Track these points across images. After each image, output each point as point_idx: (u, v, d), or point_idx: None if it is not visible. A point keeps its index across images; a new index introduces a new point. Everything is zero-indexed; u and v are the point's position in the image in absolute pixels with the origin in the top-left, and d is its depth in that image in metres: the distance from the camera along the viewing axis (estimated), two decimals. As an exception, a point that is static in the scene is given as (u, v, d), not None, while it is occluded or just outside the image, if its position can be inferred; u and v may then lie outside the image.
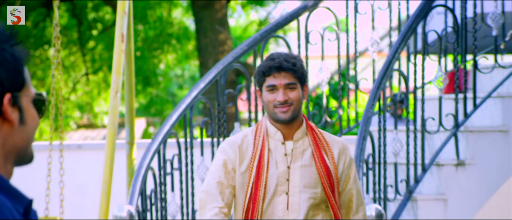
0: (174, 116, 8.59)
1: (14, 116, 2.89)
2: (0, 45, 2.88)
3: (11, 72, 2.90)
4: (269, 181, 5.63)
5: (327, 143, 5.75)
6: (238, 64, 9.35)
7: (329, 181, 5.64)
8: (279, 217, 5.57)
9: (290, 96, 5.59)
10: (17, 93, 2.89)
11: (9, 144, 2.94)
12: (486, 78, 8.99)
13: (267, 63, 5.66)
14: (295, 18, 9.27)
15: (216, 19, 20.87)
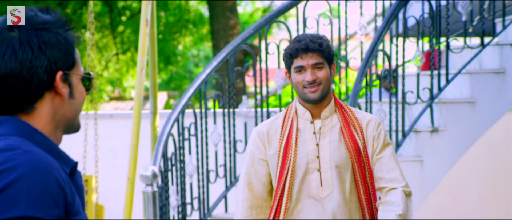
0: (190, 90, 8.53)
1: (64, 91, 2.93)
2: (56, 30, 2.93)
3: (63, 53, 2.93)
4: (299, 160, 5.12)
5: (356, 119, 5.19)
6: (245, 45, 9.28)
7: (357, 155, 5.10)
8: (314, 194, 5.08)
9: (318, 75, 5.08)
10: (68, 71, 2.94)
11: (60, 114, 2.99)
12: (456, 57, 8.93)
13: (294, 45, 5.13)
14: (294, 6, 9.20)
15: (226, 6, 20.83)
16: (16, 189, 2.70)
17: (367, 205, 5.12)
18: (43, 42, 2.90)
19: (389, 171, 5.13)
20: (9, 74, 2.86)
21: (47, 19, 2.96)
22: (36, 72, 2.88)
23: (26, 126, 2.91)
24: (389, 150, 5.20)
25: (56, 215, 2.72)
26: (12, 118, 2.93)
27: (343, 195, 5.07)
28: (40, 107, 2.94)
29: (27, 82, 2.87)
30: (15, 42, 2.89)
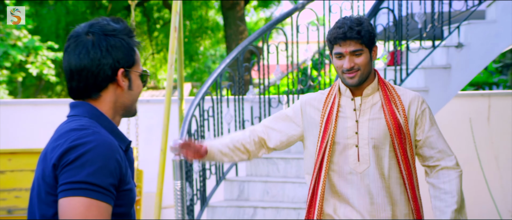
0: (209, 81, 8.57)
1: (124, 84, 3.10)
2: (121, 36, 3.10)
3: (125, 54, 3.09)
4: (338, 135, 4.43)
5: (398, 96, 4.46)
6: (251, 46, 9.31)
7: (398, 132, 4.36)
8: (352, 169, 4.40)
9: (356, 62, 4.36)
10: (128, 69, 3.10)
11: (120, 102, 3.15)
12: (414, 56, 8.94)
13: (333, 32, 4.43)
14: (289, 16, 9.24)
15: (237, 16, 20.81)
16: (82, 160, 2.83)
17: (409, 181, 4.40)
18: (110, 45, 3.05)
19: (440, 150, 4.45)
20: (82, 68, 3.02)
21: (116, 27, 3.09)
22: (103, 68, 3.03)
23: (95, 110, 3.08)
24: (436, 128, 4.50)
25: (109, 183, 2.85)
26: (85, 103, 3.09)
27: (381, 170, 4.39)
28: (105, 95, 3.09)
29: (96, 76, 3.04)
30: (89, 44, 3.03)
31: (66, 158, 2.85)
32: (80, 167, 2.83)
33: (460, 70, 8.75)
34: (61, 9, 20.41)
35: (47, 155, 2.98)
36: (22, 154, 9.78)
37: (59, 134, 2.99)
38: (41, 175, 2.98)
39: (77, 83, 3.06)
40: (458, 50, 8.79)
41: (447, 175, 4.42)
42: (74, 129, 2.95)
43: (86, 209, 2.82)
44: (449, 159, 4.44)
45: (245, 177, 9.02)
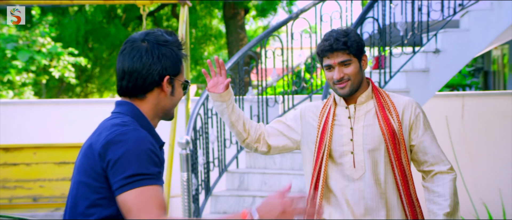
0: (212, 83, 8.56)
1: (168, 89, 3.17)
2: (171, 47, 3.15)
3: (173, 63, 3.15)
4: (334, 143, 4.13)
5: (392, 103, 4.15)
6: (251, 52, 9.31)
7: (392, 138, 4.05)
8: (348, 175, 4.09)
9: (345, 72, 4.06)
10: (173, 77, 3.16)
11: (161, 105, 3.19)
12: (396, 61, 8.93)
13: (320, 45, 4.16)
14: (284, 24, 9.27)
15: (238, 25, 20.80)
16: (128, 156, 2.89)
17: (403, 186, 4.07)
18: (161, 54, 3.11)
19: (434, 155, 4.14)
20: (134, 70, 3.09)
21: (168, 39, 3.15)
22: (152, 73, 3.10)
23: (137, 110, 3.14)
24: (430, 133, 4.17)
25: (156, 171, 2.92)
26: (129, 103, 3.14)
27: (376, 176, 4.07)
28: (149, 97, 3.15)
29: (144, 78, 3.10)
30: (143, 50, 3.11)
31: (112, 153, 2.92)
32: (128, 162, 2.89)
33: (437, 73, 8.76)
34: (80, 19, 20.42)
35: (92, 145, 3.02)
36: (46, 148, 9.80)
37: (103, 128, 3.05)
38: (85, 164, 3.02)
39: (127, 83, 3.12)
40: (435, 56, 8.80)
41: (441, 178, 4.12)
42: (118, 124, 3.01)
43: (143, 197, 2.88)
44: (443, 164, 4.14)
45: (245, 169, 9.02)
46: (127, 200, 2.87)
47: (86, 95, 25.91)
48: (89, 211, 3.00)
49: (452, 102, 10.35)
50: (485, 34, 8.86)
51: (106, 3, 9.66)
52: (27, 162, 9.73)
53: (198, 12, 22.98)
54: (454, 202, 4.06)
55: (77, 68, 20.70)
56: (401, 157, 4.07)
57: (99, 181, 2.97)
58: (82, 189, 3.00)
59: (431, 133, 4.18)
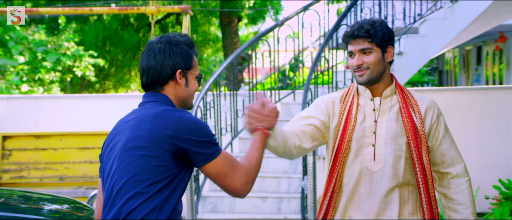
0: (210, 80, 8.47)
1: (181, 82, 3.17)
2: (182, 46, 3.17)
3: (183, 59, 3.16)
4: (356, 133, 3.56)
5: (414, 101, 3.61)
6: (243, 53, 9.27)
7: (414, 135, 3.52)
8: (367, 167, 3.54)
9: (364, 60, 3.51)
10: (185, 70, 3.17)
11: (179, 96, 3.19)
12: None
13: (345, 31, 3.63)
14: (272, 30, 9.19)
15: (232, 31, 20.76)
16: (202, 132, 3.02)
17: (424, 184, 3.55)
18: (172, 51, 3.15)
19: (452, 156, 3.63)
20: (150, 67, 3.14)
21: (179, 39, 3.19)
22: (165, 68, 3.14)
23: (168, 98, 3.17)
24: (450, 135, 3.67)
25: (215, 138, 3.07)
26: (160, 93, 3.18)
27: (395, 171, 3.53)
28: (166, 89, 3.17)
29: (159, 73, 3.14)
30: (157, 50, 3.15)
31: (186, 133, 2.97)
32: (204, 137, 3.00)
33: (401, 72, 8.74)
34: (99, 26, 20.38)
35: (154, 131, 3.01)
36: (70, 135, 9.81)
37: (155, 114, 3.05)
38: (150, 146, 3.01)
39: (146, 78, 3.14)
40: (399, 57, 8.76)
41: (458, 184, 3.58)
42: (167, 109, 3.06)
43: (228, 160, 3.06)
44: (459, 166, 3.63)
45: (238, 153, 8.95)
46: (219, 166, 3.03)
47: (104, 91, 25.84)
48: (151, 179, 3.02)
49: (413, 97, 10.27)
50: (440, 39, 8.89)
51: (121, 12, 9.56)
52: (54, 147, 9.76)
53: (199, 20, 22.93)
54: (473, 209, 3.57)
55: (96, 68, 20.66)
56: (422, 155, 3.55)
57: (165, 159, 3.00)
58: (147, 161, 3.00)
59: (451, 136, 3.69)
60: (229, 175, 3.04)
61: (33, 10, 10.20)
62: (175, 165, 3.01)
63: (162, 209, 2.97)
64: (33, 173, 9.76)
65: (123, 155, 3.03)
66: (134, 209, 2.96)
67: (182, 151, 3.00)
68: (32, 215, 3.80)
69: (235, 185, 3.06)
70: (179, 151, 2.99)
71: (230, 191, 3.08)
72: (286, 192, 8.26)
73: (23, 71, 14.87)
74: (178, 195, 3.04)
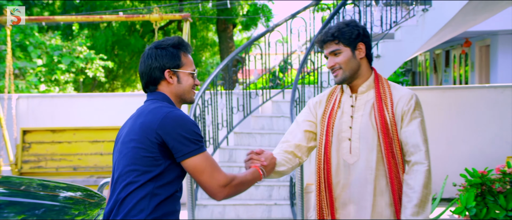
0: (208, 80, 8.44)
1: (173, 80, 3.09)
2: (168, 48, 3.10)
3: (170, 59, 3.08)
4: (336, 129, 3.43)
5: (390, 94, 3.38)
6: (237, 56, 9.24)
7: (384, 128, 3.32)
8: (345, 160, 3.38)
9: (336, 61, 3.36)
10: (174, 69, 3.09)
11: (174, 92, 3.12)
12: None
13: (316, 39, 3.54)
14: (263, 35, 9.15)
15: (227, 36, 20.72)
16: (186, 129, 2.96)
17: (389, 174, 3.34)
18: (158, 55, 3.09)
19: (413, 144, 3.33)
20: (142, 72, 3.11)
21: (166, 42, 3.12)
22: (153, 71, 3.09)
23: (166, 96, 3.12)
24: (416, 123, 3.36)
25: (201, 137, 3.01)
26: (159, 92, 3.13)
27: (369, 164, 3.35)
28: (160, 88, 3.12)
29: (149, 76, 3.10)
30: (146, 55, 3.11)
31: (171, 130, 2.91)
32: (186, 133, 2.94)
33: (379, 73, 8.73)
34: (108, 32, 20.33)
35: (144, 124, 2.98)
36: (82, 130, 9.81)
37: (149, 110, 3.02)
38: (140, 138, 2.97)
39: (142, 82, 3.12)
40: (377, 59, 8.76)
41: (415, 171, 3.30)
42: (162, 106, 3.00)
43: (205, 160, 2.97)
44: (419, 153, 3.32)
45: (233, 146, 8.94)
46: (197, 162, 2.94)
47: (113, 90, 25.80)
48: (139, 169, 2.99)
49: (389, 95, 10.28)
50: (413, 44, 8.90)
51: (128, 19, 9.52)
52: (68, 141, 9.75)
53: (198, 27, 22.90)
54: (423, 193, 3.26)
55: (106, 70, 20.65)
56: (393, 148, 3.33)
57: (147, 150, 2.95)
58: (137, 152, 2.97)
59: (417, 124, 3.37)
60: (206, 174, 2.95)
61: (50, 18, 10.16)
62: (162, 156, 2.95)
63: (154, 197, 2.93)
64: (50, 163, 9.76)
65: (121, 147, 3.04)
66: (127, 196, 2.95)
67: (165, 144, 2.94)
68: (49, 201, 3.79)
69: (212, 184, 2.95)
70: (163, 143, 2.94)
71: (206, 188, 2.97)
72: (276, 181, 8.26)
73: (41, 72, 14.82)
74: (173, 184, 2.99)
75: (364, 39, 3.44)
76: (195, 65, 3.25)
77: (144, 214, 2.92)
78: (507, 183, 5.47)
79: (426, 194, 3.27)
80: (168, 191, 2.97)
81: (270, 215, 7.87)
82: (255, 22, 22.48)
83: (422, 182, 3.27)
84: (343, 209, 3.43)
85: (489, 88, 10.40)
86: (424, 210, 3.25)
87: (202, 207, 7.89)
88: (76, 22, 17.90)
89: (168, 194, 2.96)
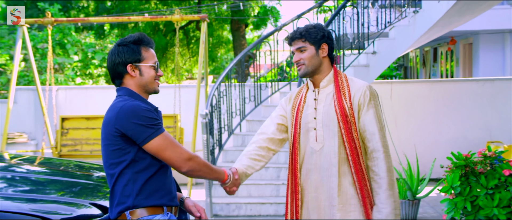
0: (223, 74, 8.43)
1: (134, 73, 2.98)
2: (129, 44, 2.99)
3: (131, 55, 2.97)
4: (303, 120, 3.40)
5: (348, 87, 3.35)
6: (249, 53, 9.21)
7: (343, 116, 3.28)
8: (312, 147, 3.34)
9: (301, 57, 3.37)
10: (136, 63, 2.95)
11: (137, 84, 3.00)
12: (347, 59, 8.85)
13: (286, 36, 3.56)
14: (272, 34, 9.12)
15: (240, 35, 20.69)
16: (140, 118, 2.86)
17: (352, 156, 3.28)
18: (119, 51, 2.98)
19: (370, 132, 3.29)
20: (108, 67, 3.00)
21: (127, 39, 3.00)
22: (117, 66, 2.99)
23: (129, 90, 3.00)
24: (373, 113, 3.31)
25: (158, 121, 2.89)
26: (123, 88, 3.01)
27: (332, 148, 3.31)
28: (125, 82, 3.01)
29: (114, 70, 3.00)
30: (110, 52, 3.00)
31: (125, 121, 2.83)
32: (140, 121, 2.84)
33: (374, 68, 8.71)
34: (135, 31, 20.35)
35: (105, 122, 2.93)
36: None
37: (109, 108, 2.96)
38: (105, 135, 2.92)
39: (110, 77, 3.02)
40: (373, 56, 8.72)
41: (375, 158, 3.28)
42: (120, 101, 2.91)
43: (165, 139, 2.89)
44: (375, 141, 3.28)
45: (246, 132, 8.94)
46: (158, 143, 2.86)
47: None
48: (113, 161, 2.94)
49: (384, 87, 10.26)
50: (405, 42, 8.86)
51: (152, 20, 9.54)
52: (100, 127, 9.78)
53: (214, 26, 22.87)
54: (389, 177, 3.26)
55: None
56: (352, 133, 3.30)
57: (114, 145, 2.90)
58: (107, 148, 2.93)
59: (374, 114, 3.32)
60: (169, 150, 2.88)
61: (85, 19, 10.18)
62: (128, 144, 2.89)
63: (135, 181, 2.89)
64: (85, 147, 9.80)
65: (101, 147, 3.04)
66: (113, 187, 2.94)
67: (124, 134, 2.87)
68: (84, 180, 3.82)
69: (176, 158, 2.90)
70: (123, 135, 2.87)
71: (171, 162, 2.92)
72: (284, 162, 8.26)
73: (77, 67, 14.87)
74: (151, 165, 2.93)
75: (328, 41, 3.43)
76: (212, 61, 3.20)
77: (131, 199, 2.89)
78: (487, 165, 5.46)
79: (391, 177, 3.28)
80: (148, 172, 2.91)
81: (278, 193, 7.87)
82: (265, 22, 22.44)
83: (385, 167, 3.26)
84: (315, 191, 3.39)
85: (472, 81, 10.39)
86: (393, 190, 3.27)
87: (218, 186, 7.91)
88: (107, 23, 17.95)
89: (149, 174, 2.91)
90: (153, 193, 2.91)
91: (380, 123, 3.33)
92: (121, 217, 2.91)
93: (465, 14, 9.31)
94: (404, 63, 25.68)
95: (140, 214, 2.89)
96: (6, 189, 3.37)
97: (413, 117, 10.20)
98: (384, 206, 3.25)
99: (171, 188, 3.02)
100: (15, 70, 9.20)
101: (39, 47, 13.83)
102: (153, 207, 2.92)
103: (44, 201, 3.16)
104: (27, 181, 3.63)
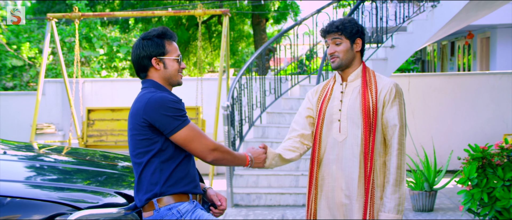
0: (244, 67, 8.42)
1: (158, 66, 2.99)
2: (153, 38, 2.99)
3: (155, 48, 2.98)
4: (328, 111, 3.40)
5: (375, 83, 3.36)
6: (270, 46, 9.19)
7: (366, 112, 3.28)
8: (335, 138, 3.34)
9: (336, 49, 3.36)
10: (160, 57, 2.96)
11: (162, 77, 3.00)
12: (367, 52, 8.78)
13: (321, 28, 3.49)
14: (292, 28, 9.09)
15: (261, 29, 20.65)
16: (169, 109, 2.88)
17: (371, 151, 3.27)
18: (144, 45, 2.98)
19: (392, 126, 3.31)
20: (133, 61, 3.01)
21: (151, 33, 3.01)
22: (142, 59, 2.99)
23: (155, 82, 3.00)
24: (396, 109, 3.33)
25: (184, 111, 2.92)
26: (149, 80, 3.02)
27: (355, 140, 3.31)
28: (149, 74, 3.02)
29: (139, 64, 3.00)
30: (135, 46, 3.00)
31: (153, 112, 2.85)
32: (168, 112, 2.85)
33: (393, 61, 8.65)
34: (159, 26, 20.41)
35: (133, 113, 2.94)
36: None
37: (136, 99, 2.97)
38: (133, 125, 2.93)
39: (135, 68, 3.02)
40: (391, 49, 8.66)
41: (390, 153, 3.31)
42: (147, 93, 2.93)
43: (191, 130, 2.91)
44: (394, 137, 3.31)
45: (266, 124, 8.93)
46: (185, 134, 2.88)
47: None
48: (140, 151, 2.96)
49: (402, 80, 10.19)
50: (423, 36, 8.79)
51: (175, 14, 9.57)
52: (125, 118, 9.85)
53: (235, 21, 22.86)
54: (397, 174, 3.28)
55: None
56: (371, 128, 3.30)
57: (142, 134, 2.92)
58: (135, 137, 2.94)
59: (397, 111, 3.33)
60: (196, 141, 2.90)
61: (110, 14, 10.25)
62: (156, 134, 2.90)
63: (162, 170, 2.92)
64: (110, 137, 9.87)
65: (128, 137, 3.04)
66: (140, 175, 2.95)
67: (152, 125, 2.89)
68: (109, 169, 3.84)
69: (202, 148, 2.92)
70: (151, 125, 2.89)
71: (197, 153, 2.93)
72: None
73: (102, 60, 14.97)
74: (177, 154, 2.94)
75: (362, 36, 3.44)
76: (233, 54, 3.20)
77: (159, 186, 2.91)
78: (504, 157, 5.40)
79: (400, 174, 3.29)
80: (175, 161, 2.94)
81: (298, 184, 7.86)
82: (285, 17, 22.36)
83: (395, 164, 3.28)
84: (335, 181, 3.38)
85: (489, 74, 10.27)
86: (399, 187, 3.28)
87: (239, 176, 7.91)
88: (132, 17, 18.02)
89: (175, 163, 2.94)
90: (179, 181, 2.94)
91: (402, 120, 3.33)
92: (149, 205, 2.93)
93: (483, 8, 9.19)
94: (422, 57, 25.46)
95: (167, 201, 2.92)
96: (35, 178, 3.41)
97: (431, 109, 10.13)
98: (388, 200, 3.28)
99: (195, 176, 3.05)
100: (43, 63, 9.29)
101: (66, 41, 13.95)
102: (179, 194, 2.94)
103: (71, 189, 3.18)
104: (55, 170, 3.67)
